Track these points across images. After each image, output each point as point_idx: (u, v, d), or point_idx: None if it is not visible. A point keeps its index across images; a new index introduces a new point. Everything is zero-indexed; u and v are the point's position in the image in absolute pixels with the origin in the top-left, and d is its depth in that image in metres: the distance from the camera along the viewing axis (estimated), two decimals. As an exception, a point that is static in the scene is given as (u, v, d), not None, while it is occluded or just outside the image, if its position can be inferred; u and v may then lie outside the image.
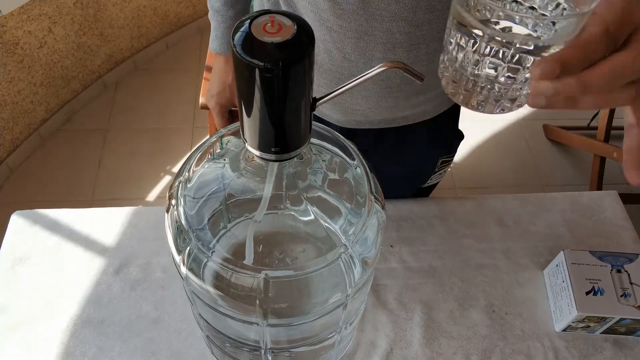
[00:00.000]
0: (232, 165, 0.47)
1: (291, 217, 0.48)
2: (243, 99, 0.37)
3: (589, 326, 0.68)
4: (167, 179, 1.80)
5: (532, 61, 0.36)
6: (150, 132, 1.91)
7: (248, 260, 0.45)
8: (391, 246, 0.78)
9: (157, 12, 2.06)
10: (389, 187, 0.66)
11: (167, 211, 0.47)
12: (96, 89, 2.00)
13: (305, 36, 0.35)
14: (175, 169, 1.83)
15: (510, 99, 0.40)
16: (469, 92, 0.41)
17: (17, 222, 0.78)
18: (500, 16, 0.36)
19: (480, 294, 0.74)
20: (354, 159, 0.48)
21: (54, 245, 0.76)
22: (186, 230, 0.44)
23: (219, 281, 0.46)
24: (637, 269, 0.69)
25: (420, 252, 0.77)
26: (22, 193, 1.74)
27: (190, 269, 0.45)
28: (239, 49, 0.34)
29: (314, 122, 0.43)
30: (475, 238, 0.79)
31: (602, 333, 0.70)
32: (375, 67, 0.39)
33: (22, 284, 0.72)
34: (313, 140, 0.45)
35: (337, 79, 0.70)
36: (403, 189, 0.91)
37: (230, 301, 0.46)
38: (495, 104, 0.40)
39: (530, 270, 0.76)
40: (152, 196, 1.76)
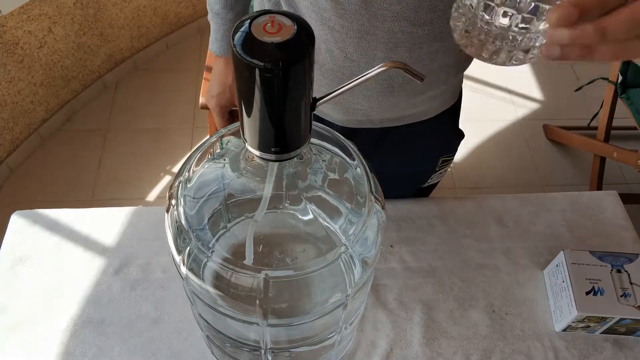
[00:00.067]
0: (232, 165, 0.47)
1: (291, 217, 0.48)
2: (243, 99, 0.37)
3: (589, 326, 0.68)
4: (167, 179, 1.80)
5: (547, 10, 0.36)
6: (150, 132, 1.91)
7: (248, 260, 0.45)
8: (391, 246, 0.78)
9: (157, 12, 2.06)
10: (389, 187, 0.66)
11: (167, 211, 0.47)
12: (96, 89, 2.00)
13: (305, 36, 0.35)
14: (175, 169, 1.83)
15: (523, 50, 0.39)
16: (481, 43, 0.40)
17: (17, 222, 0.78)
18: None
19: (480, 294, 0.74)
20: (354, 159, 0.48)
21: (54, 245, 0.76)
22: (186, 230, 0.44)
23: (219, 281, 0.46)
24: (637, 269, 0.69)
25: (420, 252, 0.77)
26: (22, 193, 1.74)
27: (190, 269, 0.45)
28: (239, 49, 0.34)
29: (314, 122, 0.43)
30: (475, 238, 0.79)
31: (602, 333, 0.70)
32: (376, 67, 0.39)
33: (22, 284, 0.72)
34: (313, 140, 0.45)
35: (339, 78, 0.70)
36: (403, 188, 0.91)
37: (230, 301, 0.46)
38: (508, 54, 0.40)
39: (530, 270, 0.76)
40: (152, 196, 1.76)
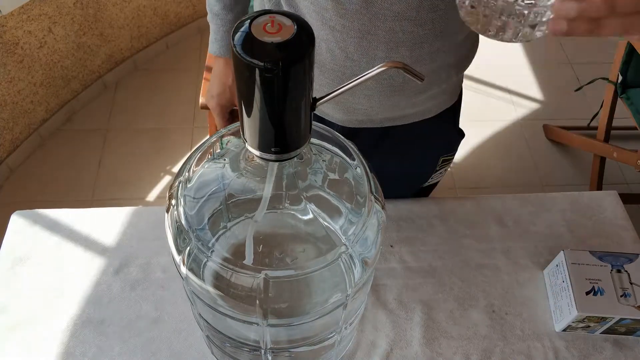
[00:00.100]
0: (232, 165, 0.47)
1: (291, 217, 0.48)
2: (243, 99, 0.37)
3: (589, 326, 0.68)
4: (167, 179, 1.80)
5: None
6: (150, 132, 1.91)
7: (248, 260, 0.45)
8: (391, 246, 0.78)
9: (157, 12, 2.06)
10: (390, 186, 0.66)
11: (167, 211, 0.47)
12: (96, 89, 2.00)
13: (305, 36, 0.35)
14: (175, 169, 1.83)
15: (530, 26, 0.39)
16: (487, 19, 0.40)
17: (17, 222, 0.78)
18: None
19: (480, 294, 0.74)
20: (354, 159, 0.48)
21: (54, 245, 0.76)
22: (186, 230, 0.44)
23: (219, 281, 0.46)
24: (637, 269, 0.69)
25: (420, 252, 0.77)
26: (22, 193, 1.73)
27: (190, 269, 0.45)
28: (239, 49, 0.34)
29: (314, 122, 0.43)
30: (475, 238, 0.79)
31: (602, 333, 0.70)
32: (376, 67, 0.39)
33: (22, 284, 0.72)
34: (313, 140, 0.45)
35: (340, 78, 0.70)
36: (404, 188, 0.91)
37: (230, 301, 0.46)
38: (515, 30, 0.40)
39: (530, 270, 0.76)
40: (152, 196, 1.76)
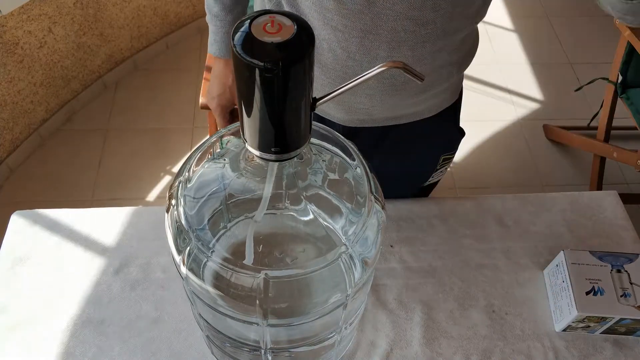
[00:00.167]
0: (232, 165, 0.47)
1: (291, 217, 0.48)
2: (243, 99, 0.37)
3: (589, 326, 0.68)
4: (167, 179, 1.80)
5: None
6: (150, 132, 1.91)
7: (248, 260, 0.45)
8: (391, 246, 0.78)
9: (157, 12, 2.06)
10: (391, 186, 0.66)
11: (167, 211, 0.47)
12: (96, 89, 2.00)
13: (305, 36, 0.35)
14: (175, 169, 1.83)
15: None
16: None
17: (17, 222, 0.78)
18: None
19: (480, 294, 0.74)
20: (354, 159, 0.48)
21: (54, 245, 0.76)
22: (186, 230, 0.44)
23: (219, 281, 0.46)
24: (637, 269, 0.69)
25: (420, 252, 0.77)
26: (22, 193, 1.73)
27: (190, 269, 0.45)
28: (239, 49, 0.34)
29: (314, 122, 0.43)
30: (475, 238, 0.79)
31: (602, 333, 0.70)
32: (376, 67, 0.39)
33: (22, 284, 0.72)
34: (313, 140, 0.45)
35: (341, 78, 0.70)
36: (405, 188, 0.91)
37: (230, 301, 0.46)
38: None
39: (530, 270, 0.76)
40: (152, 196, 1.76)
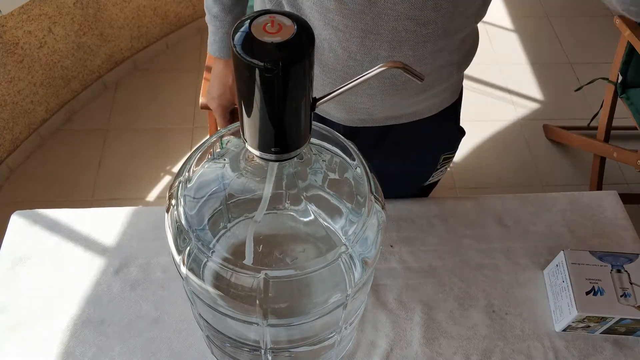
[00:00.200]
0: (232, 165, 0.47)
1: (291, 217, 0.48)
2: (243, 99, 0.37)
3: (589, 326, 0.68)
4: (167, 179, 1.80)
5: None
6: (150, 132, 1.91)
7: (248, 260, 0.45)
8: (391, 246, 0.78)
9: (157, 12, 2.06)
10: (391, 186, 0.66)
11: (167, 211, 0.47)
12: (96, 89, 2.00)
13: (305, 36, 0.35)
14: (175, 169, 1.83)
15: None
16: None
17: (17, 222, 0.78)
18: None
19: (480, 294, 0.74)
20: (354, 159, 0.48)
21: (54, 245, 0.76)
22: (186, 230, 0.44)
23: (219, 281, 0.46)
24: (637, 269, 0.69)
25: (420, 252, 0.77)
26: (22, 193, 1.73)
27: (190, 269, 0.45)
28: (239, 49, 0.34)
29: (314, 122, 0.43)
30: (475, 238, 0.79)
31: (602, 333, 0.70)
32: (376, 67, 0.39)
33: (22, 284, 0.72)
34: (313, 140, 0.45)
35: (342, 78, 0.70)
36: (405, 188, 0.91)
37: (230, 301, 0.46)
38: None
39: (530, 270, 0.76)
40: (152, 196, 1.76)
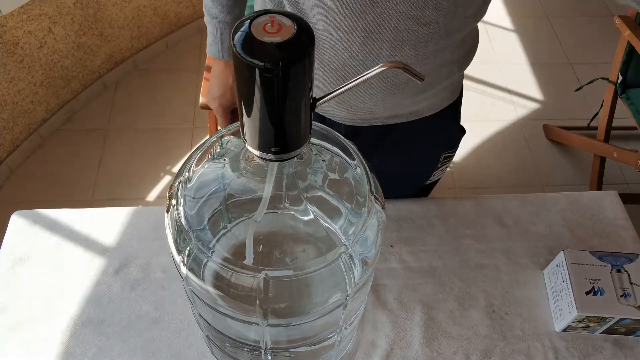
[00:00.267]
0: (232, 165, 0.47)
1: (291, 217, 0.48)
2: (243, 99, 0.37)
3: (589, 326, 0.68)
4: (167, 179, 1.80)
5: None
6: (150, 132, 1.91)
7: (248, 260, 0.45)
8: (391, 246, 0.78)
9: (157, 12, 2.06)
10: (391, 186, 0.66)
11: (167, 211, 0.47)
12: (96, 89, 2.00)
13: (305, 36, 0.35)
14: (175, 169, 1.83)
15: None
16: None
17: (17, 222, 0.78)
18: None
19: (480, 294, 0.74)
20: (354, 159, 0.48)
21: (54, 245, 0.76)
22: (186, 230, 0.44)
23: (219, 281, 0.46)
24: (637, 269, 0.69)
25: (420, 252, 0.77)
26: (22, 193, 1.73)
27: (190, 269, 0.45)
28: (239, 49, 0.34)
29: (314, 122, 0.43)
30: (475, 238, 0.79)
31: (602, 333, 0.70)
32: (376, 67, 0.39)
33: (22, 284, 0.72)
34: (313, 140, 0.45)
35: (344, 77, 0.70)
36: (405, 187, 0.91)
37: (230, 301, 0.46)
38: None
39: (530, 270, 0.76)
40: (152, 196, 1.76)
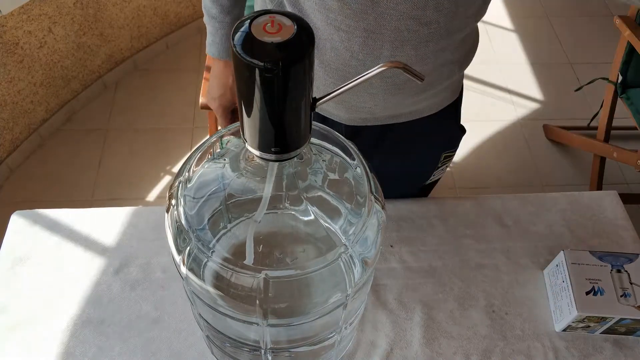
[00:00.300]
0: (232, 165, 0.47)
1: (291, 217, 0.48)
2: (243, 99, 0.37)
3: (589, 326, 0.68)
4: (167, 179, 1.80)
5: None
6: (150, 132, 1.91)
7: (248, 260, 0.45)
8: (391, 246, 0.78)
9: (157, 12, 2.06)
10: (391, 186, 0.66)
11: (167, 211, 0.47)
12: (96, 89, 2.00)
13: (305, 36, 0.35)
14: (175, 169, 1.83)
15: None
16: None
17: (17, 222, 0.78)
18: None
19: (480, 294, 0.74)
20: (354, 159, 0.48)
21: (54, 245, 0.76)
22: (186, 230, 0.44)
23: (219, 281, 0.46)
24: (637, 269, 0.69)
25: (420, 252, 0.77)
26: (22, 193, 1.73)
27: (190, 269, 0.45)
28: (239, 49, 0.34)
29: (314, 122, 0.43)
30: (475, 238, 0.79)
31: (602, 333, 0.70)
32: (376, 67, 0.39)
33: (22, 284, 0.72)
34: (313, 140, 0.45)
35: (344, 77, 0.70)
36: (406, 187, 0.91)
37: (230, 301, 0.46)
38: None
39: (530, 270, 0.76)
40: (152, 196, 1.76)
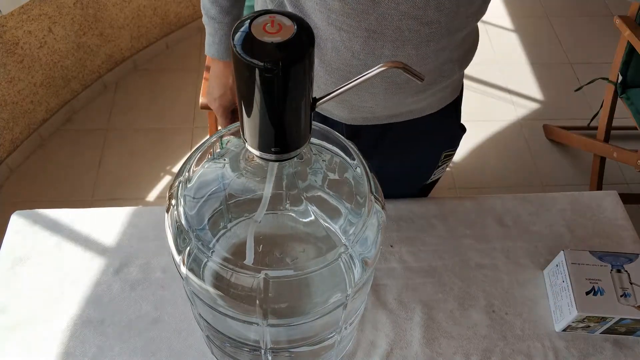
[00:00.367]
0: (232, 165, 0.47)
1: (291, 217, 0.48)
2: (243, 99, 0.37)
3: (589, 326, 0.68)
4: (167, 179, 1.80)
5: None
6: (150, 132, 1.91)
7: (248, 260, 0.45)
8: (391, 246, 0.78)
9: (157, 12, 2.06)
10: (391, 186, 0.66)
11: (167, 211, 0.47)
12: (96, 89, 2.00)
13: (305, 36, 0.35)
14: (175, 169, 1.83)
15: None
16: None
17: (17, 222, 0.78)
18: None
19: (480, 294, 0.74)
20: (354, 159, 0.48)
21: (54, 245, 0.76)
22: (186, 230, 0.44)
23: (219, 281, 0.46)
24: (637, 269, 0.69)
25: (420, 252, 0.77)
26: (22, 193, 1.73)
27: (190, 269, 0.45)
28: (239, 49, 0.34)
29: (314, 122, 0.43)
30: (475, 238, 0.79)
31: (602, 333, 0.70)
32: (376, 67, 0.39)
33: (22, 284, 0.72)
34: (313, 140, 0.45)
35: (345, 77, 0.70)
36: (406, 187, 0.91)
37: (230, 301, 0.46)
38: None
39: (530, 270, 0.76)
40: (152, 196, 1.76)
